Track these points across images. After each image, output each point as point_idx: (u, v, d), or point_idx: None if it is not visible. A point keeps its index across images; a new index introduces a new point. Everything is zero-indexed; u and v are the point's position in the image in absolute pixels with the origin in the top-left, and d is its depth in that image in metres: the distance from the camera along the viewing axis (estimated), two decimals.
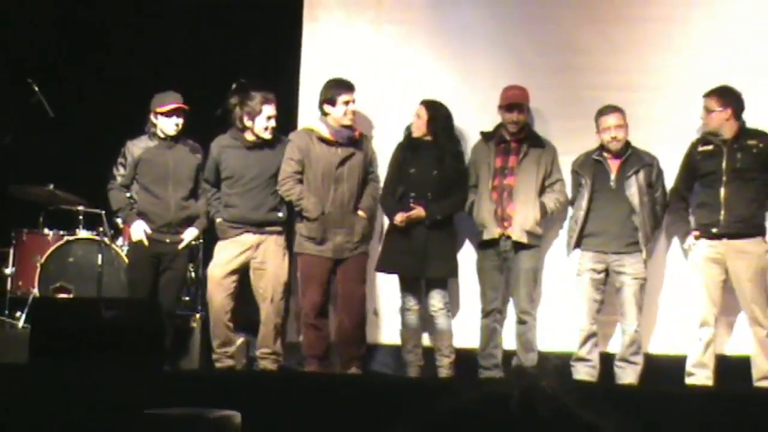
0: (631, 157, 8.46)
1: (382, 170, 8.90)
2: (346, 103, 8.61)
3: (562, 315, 8.71)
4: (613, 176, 8.45)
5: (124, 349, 7.38)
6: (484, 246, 8.65)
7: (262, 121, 8.59)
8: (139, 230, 8.81)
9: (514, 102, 8.57)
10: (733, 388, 8.11)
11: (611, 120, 8.40)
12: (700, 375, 8.22)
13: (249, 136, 8.68)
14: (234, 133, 8.74)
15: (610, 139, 8.41)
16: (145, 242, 8.81)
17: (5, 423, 6.29)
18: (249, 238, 8.72)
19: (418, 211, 8.49)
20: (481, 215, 8.56)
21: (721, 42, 8.83)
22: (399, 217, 8.52)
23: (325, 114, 8.66)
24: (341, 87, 8.65)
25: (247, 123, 8.62)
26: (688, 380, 8.23)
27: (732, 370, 8.34)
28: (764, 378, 8.16)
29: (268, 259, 8.69)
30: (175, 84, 8.91)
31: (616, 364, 8.45)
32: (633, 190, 8.40)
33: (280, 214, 8.75)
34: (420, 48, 9.28)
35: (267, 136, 8.63)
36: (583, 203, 8.47)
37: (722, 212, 8.23)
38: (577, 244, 8.51)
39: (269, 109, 8.59)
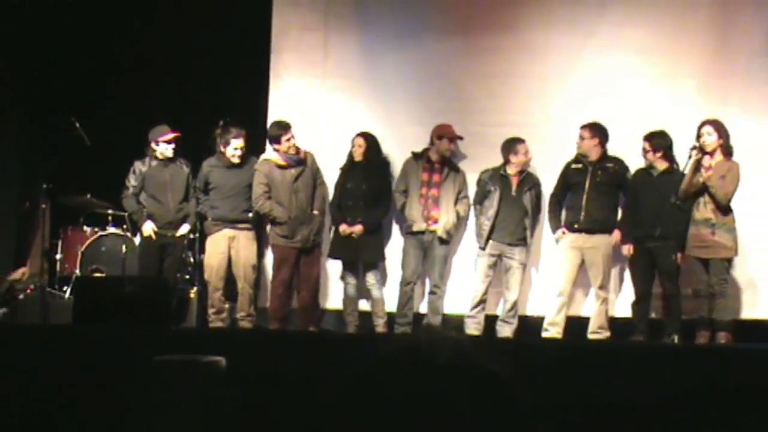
0: (527, 176, 8.59)
1: (328, 178, 8.96)
2: (288, 139, 8.67)
3: (462, 287, 8.72)
4: (514, 188, 8.54)
5: (140, 313, 7.35)
6: (410, 235, 8.74)
7: (231, 149, 8.82)
8: (148, 228, 8.98)
9: (455, 136, 8.72)
10: (575, 340, 8.20)
11: (524, 148, 8.71)
12: (552, 330, 8.62)
13: (227, 159, 8.72)
14: (218, 156, 9.03)
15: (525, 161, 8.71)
16: (153, 237, 8.97)
17: (54, 370, 6.18)
18: (227, 233, 8.88)
19: (359, 229, 8.57)
20: (411, 214, 8.84)
21: (569, 91, 8.90)
22: (343, 228, 8.54)
23: (275, 149, 8.76)
24: (281, 128, 8.82)
25: (222, 150, 8.85)
26: (544, 334, 8.46)
27: (582, 326, 8.49)
28: (593, 332, 8.60)
29: (241, 248, 8.94)
30: (174, 123, 9.01)
31: (497, 323, 8.57)
32: (527, 200, 8.52)
33: (250, 215, 8.93)
34: (355, 96, 9.48)
35: (235, 160, 8.95)
36: (495, 204, 8.56)
37: (583, 213, 8.47)
38: (489, 236, 8.48)
39: (237, 142, 8.91)
